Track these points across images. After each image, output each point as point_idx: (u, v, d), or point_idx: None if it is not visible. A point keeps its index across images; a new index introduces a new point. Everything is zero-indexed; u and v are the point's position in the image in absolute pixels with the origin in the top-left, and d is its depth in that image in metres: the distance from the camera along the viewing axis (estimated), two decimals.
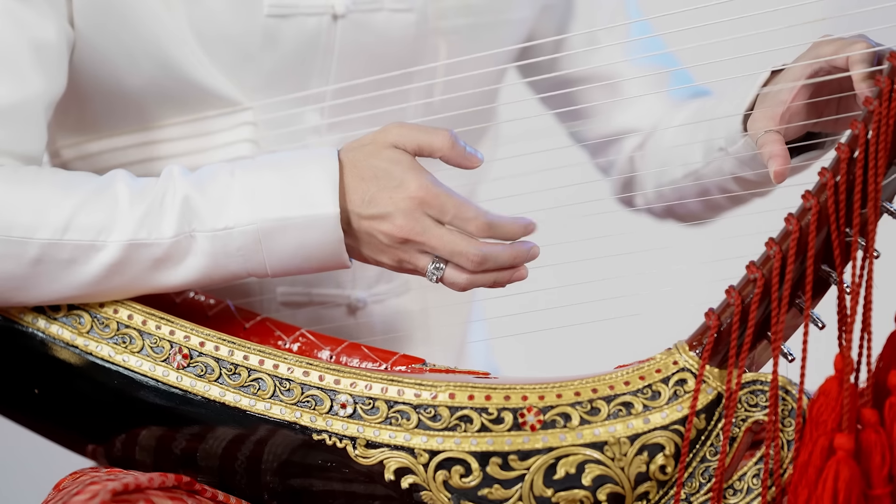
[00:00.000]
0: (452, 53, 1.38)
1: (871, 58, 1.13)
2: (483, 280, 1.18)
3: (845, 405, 1.03)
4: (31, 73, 1.24)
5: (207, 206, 1.18)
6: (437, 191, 1.17)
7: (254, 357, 1.19)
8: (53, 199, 1.19)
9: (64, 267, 1.19)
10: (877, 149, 1.06)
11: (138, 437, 1.22)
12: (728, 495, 1.12)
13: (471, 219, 1.17)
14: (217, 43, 1.29)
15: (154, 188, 1.20)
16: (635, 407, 1.13)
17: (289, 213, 1.18)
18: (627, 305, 1.26)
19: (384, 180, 1.17)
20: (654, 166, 1.45)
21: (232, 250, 1.19)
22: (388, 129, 1.20)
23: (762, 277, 1.10)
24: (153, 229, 1.18)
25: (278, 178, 1.19)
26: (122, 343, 1.21)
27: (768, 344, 1.12)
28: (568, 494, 1.12)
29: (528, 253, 1.19)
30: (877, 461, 1.03)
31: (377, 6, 1.33)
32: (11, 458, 2.25)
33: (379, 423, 1.15)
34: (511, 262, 1.18)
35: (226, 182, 1.19)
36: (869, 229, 1.07)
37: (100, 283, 1.20)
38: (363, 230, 1.18)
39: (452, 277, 1.18)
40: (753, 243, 1.13)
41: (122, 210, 1.18)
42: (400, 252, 1.18)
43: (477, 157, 1.21)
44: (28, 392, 1.25)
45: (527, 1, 1.43)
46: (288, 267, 1.20)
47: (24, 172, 1.21)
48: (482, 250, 1.16)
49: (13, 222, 1.18)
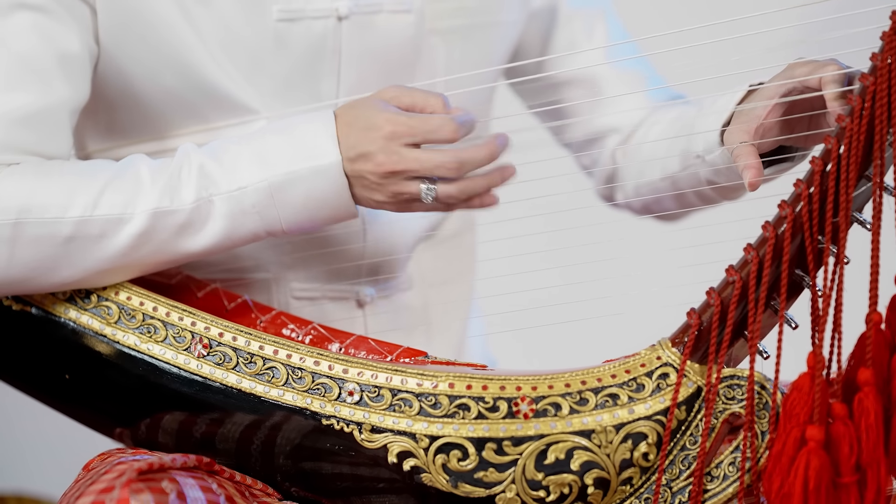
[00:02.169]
0: (450, 53, 1.38)
1: (842, 79, 1.13)
2: (473, 185, 1.20)
3: (817, 399, 1.03)
4: (57, 82, 1.24)
5: (221, 172, 1.20)
6: (401, 117, 1.19)
7: (268, 347, 1.18)
8: (80, 182, 1.20)
9: (95, 242, 1.19)
10: (848, 162, 1.06)
11: (161, 420, 1.21)
12: (706, 481, 1.11)
13: (437, 127, 1.19)
14: (232, 49, 1.29)
15: (172, 163, 1.21)
16: (621, 398, 1.12)
17: (295, 167, 1.19)
18: (615, 305, 1.26)
19: (361, 123, 1.19)
20: (635, 169, 1.45)
21: (247, 207, 1.20)
22: (388, 87, 1.22)
23: (740, 280, 1.10)
24: (174, 197, 1.19)
25: (283, 139, 1.21)
26: (147, 333, 1.21)
27: (745, 342, 1.12)
28: (557, 478, 1.11)
29: (502, 145, 1.21)
30: (845, 452, 1.02)
31: (377, 8, 1.33)
32: (44, 440, 2.25)
33: (383, 410, 1.14)
34: (489, 157, 1.20)
35: (235, 150, 1.21)
36: (840, 237, 1.07)
37: (128, 255, 1.20)
38: (354, 174, 1.20)
39: (445, 191, 1.20)
40: (732, 249, 1.13)
41: (145, 184, 1.20)
42: (390, 185, 1.19)
43: (471, 118, 1.21)
44: (59, 377, 1.25)
45: (516, 4, 1.43)
46: (300, 220, 1.21)
47: (50, 164, 1.22)
48: (457, 154, 1.18)
49: (46, 205, 1.18)
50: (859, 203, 1.09)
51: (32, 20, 1.23)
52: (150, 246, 1.20)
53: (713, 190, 1.34)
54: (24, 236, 1.18)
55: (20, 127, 1.22)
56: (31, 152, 1.22)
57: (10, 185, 1.19)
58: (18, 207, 1.18)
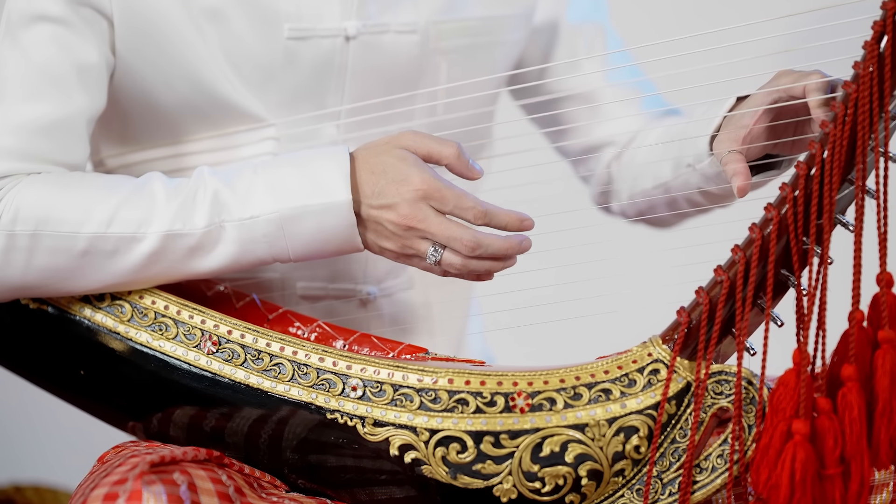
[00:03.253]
0: (452, 71, 1.37)
1: (825, 87, 1.13)
2: (477, 266, 1.17)
3: (802, 394, 1.03)
4: (76, 92, 1.24)
5: (235, 199, 1.18)
6: (438, 184, 1.16)
7: (275, 344, 1.18)
8: (97, 198, 1.19)
9: (108, 257, 1.18)
10: (831, 167, 1.06)
11: (172, 415, 1.21)
12: (695, 473, 1.11)
13: (469, 208, 1.17)
14: (243, 64, 1.29)
15: (187, 186, 1.20)
16: (613, 393, 1.12)
17: (307, 202, 1.17)
18: (608, 303, 1.25)
19: (392, 174, 1.17)
20: (628, 177, 1.44)
21: (258, 236, 1.18)
22: (403, 134, 1.20)
23: (728, 280, 1.10)
24: (187, 221, 1.18)
25: (296, 172, 1.19)
26: (159, 330, 1.20)
27: (733, 339, 1.11)
28: (552, 470, 1.11)
29: (520, 246, 1.18)
30: (829, 445, 1.02)
31: (384, 28, 1.32)
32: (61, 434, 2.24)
33: (385, 405, 1.14)
34: (503, 252, 1.17)
35: (250, 178, 1.19)
36: (824, 238, 1.06)
37: (140, 272, 1.19)
38: (372, 218, 1.18)
39: (449, 260, 1.17)
40: (720, 250, 1.12)
41: (159, 205, 1.19)
42: (403, 238, 1.17)
43: (477, 170, 1.21)
44: (74, 373, 1.25)
45: (518, 24, 1.42)
46: (308, 251, 1.19)
47: (69, 177, 1.22)
48: (476, 236, 1.16)
49: (63, 219, 1.18)
50: (842, 205, 1.09)
51: (52, 32, 1.23)
52: (161, 265, 1.19)
53: (704, 197, 1.34)
54: (41, 247, 1.18)
55: (40, 136, 1.22)
56: (51, 161, 1.22)
57: (31, 195, 1.18)
58: (37, 219, 1.18)
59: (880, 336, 1.03)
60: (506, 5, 1.40)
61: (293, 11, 1.29)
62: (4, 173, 1.20)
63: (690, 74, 1.22)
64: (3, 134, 1.21)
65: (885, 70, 1.04)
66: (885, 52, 1.04)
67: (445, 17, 1.36)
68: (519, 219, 1.18)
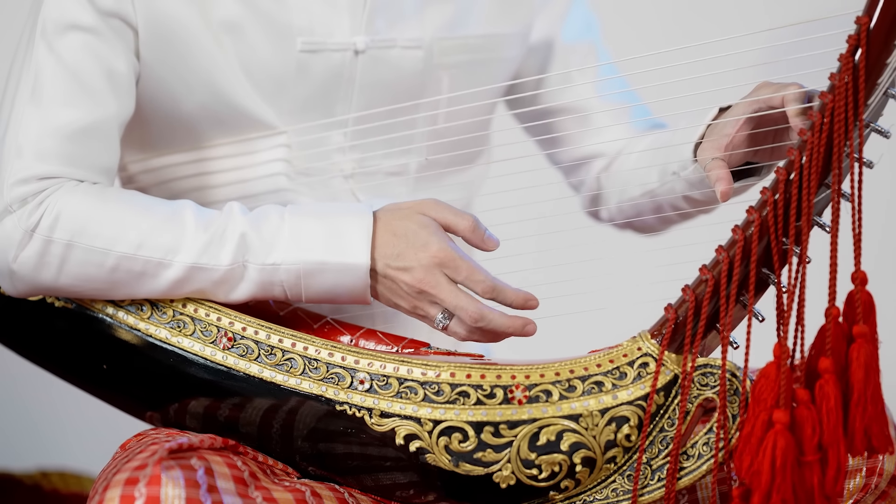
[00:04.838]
0: (453, 85, 1.37)
1: (802, 97, 1.13)
2: (479, 337, 1.17)
3: (782, 386, 1.02)
4: (106, 98, 1.23)
5: (260, 244, 1.18)
6: (454, 254, 1.15)
7: (287, 340, 1.17)
8: (132, 218, 1.18)
9: (136, 277, 1.18)
10: (809, 172, 1.06)
11: (189, 405, 1.20)
12: (682, 459, 1.11)
13: (479, 281, 1.15)
14: (258, 74, 1.28)
15: (217, 221, 1.19)
16: (605, 385, 1.11)
17: (328, 259, 1.17)
18: (599, 300, 1.25)
19: (412, 239, 1.16)
20: (617, 185, 1.44)
21: (276, 282, 1.18)
22: (425, 202, 1.19)
23: (712, 278, 1.09)
24: (213, 257, 1.17)
25: (321, 227, 1.18)
26: (177, 327, 1.20)
27: (717, 334, 1.11)
28: (549, 458, 1.10)
29: (523, 329, 1.17)
30: (808, 433, 1.02)
31: (391, 44, 1.32)
32: (85, 422, 2.24)
33: (391, 397, 1.13)
34: (503, 330, 1.16)
35: (276, 224, 1.18)
36: (803, 239, 1.06)
37: (164, 293, 1.20)
38: (388, 277, 1.17)
39: (454, 328, 1.17)
40: (705, 250, 1.12)
41: (188, 236, 1.18)
42: (415, 300, 1.17)
43: (493, 241, 1.19)
44: (98, 367, 1.24)
45: (516, 42, 1.41)
46: (320, 298, 1.19)
47: (109, 192, 1.21)
48: (481, 310, 1.15)
49: (98, 234, 1.17)
50: (819, 208, 1.09)
51: (84, 40, 1.22)
52: (184, 290, 1.19)
53: (689, 203, 1.34)
54: (74, 258, 1.18)
55: (76, 140, 1.21)
56: (86, 164, 1.22)
57: (72, 204, 1.18)
58: (73, 230, 1.17)
59: (855, 331, 1.03)
60: (505, 24, 1.39)
61: (306, 26, 1.28)
62: (47, 175, 1.20)
63: (676, 86, 1.21)
64: (43, 137, 1.20)
65: (860, 81, 1.04)
66: (860, 63, 1.04)
67: (449, 34, 1.35)
68: (524, 298, 1.16)
